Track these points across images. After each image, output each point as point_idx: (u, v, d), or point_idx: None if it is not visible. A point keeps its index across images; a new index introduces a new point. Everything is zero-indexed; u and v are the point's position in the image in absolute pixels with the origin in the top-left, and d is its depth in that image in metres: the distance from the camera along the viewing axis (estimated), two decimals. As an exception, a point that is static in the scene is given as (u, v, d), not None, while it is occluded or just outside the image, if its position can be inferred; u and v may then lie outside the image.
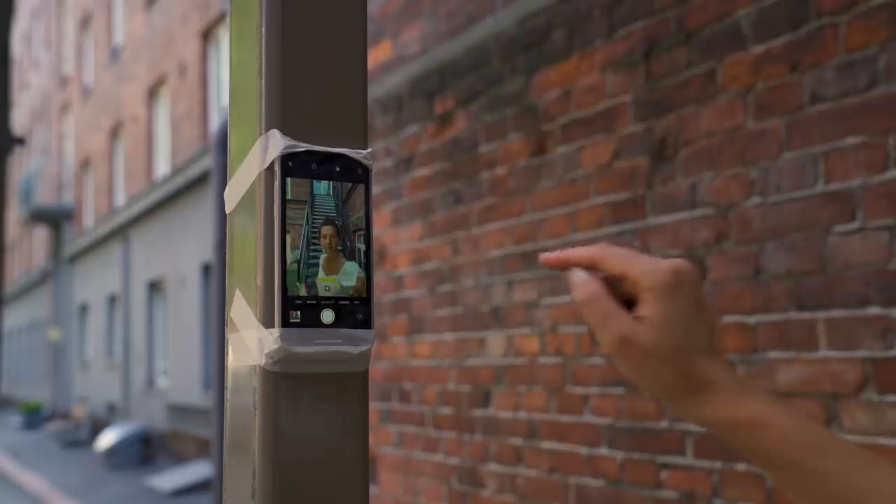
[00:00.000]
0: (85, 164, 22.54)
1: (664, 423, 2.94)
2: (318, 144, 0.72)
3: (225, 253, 0.79)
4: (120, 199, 19.27)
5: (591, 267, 0.63)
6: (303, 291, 0.69)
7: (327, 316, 0.70)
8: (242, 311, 0.72)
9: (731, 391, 0.59)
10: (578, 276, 0.62)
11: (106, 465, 13.55)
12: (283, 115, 0.71)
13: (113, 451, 13.42)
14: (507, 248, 3.70)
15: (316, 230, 0.70)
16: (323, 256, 0.71)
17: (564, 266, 0.63)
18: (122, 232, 17.86)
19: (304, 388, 0.70)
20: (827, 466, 0.56)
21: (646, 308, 0.59)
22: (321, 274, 0.70)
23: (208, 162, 12.34)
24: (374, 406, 4.57)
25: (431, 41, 4.31)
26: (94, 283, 20.67)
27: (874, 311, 2.33)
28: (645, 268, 0.60)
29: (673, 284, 0.59)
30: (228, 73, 0.80)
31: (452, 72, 4.10)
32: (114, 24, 19.99)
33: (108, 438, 13.72)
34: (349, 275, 0.72)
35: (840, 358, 2.41)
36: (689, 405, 0.60)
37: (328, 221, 0.71)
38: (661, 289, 0.59)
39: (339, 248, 0.71)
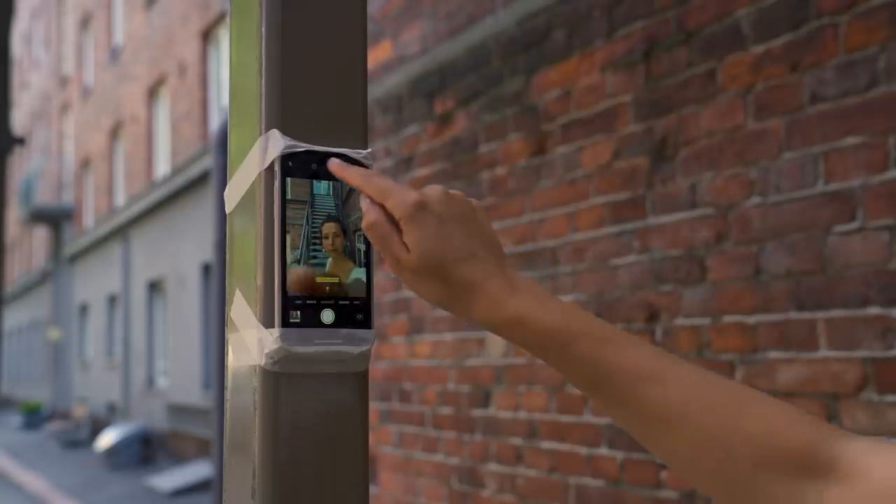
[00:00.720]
0: (85, 164, 22.54)
1: (664, 423, 2.94)
2: (318, 144, 0.72)
3: (225, 253, 0.80)
4: (120, 199, 19.27)
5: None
6: (303, 291, 0.69)
7: (327, 316, 0.70)
8: (242, 311, 0.72)
9: (498, 292, 0.67)
10: (364, 204, 0.70)
11: (106, 465, 13.55)
12: (283, 115, 0.71)
13: (113, 451, 13.42)
14: (507, 248, 3.70)
15: (316, 230, 0.70)
16: (329, 260, 0.71)
17: (344, 179, 0.72)
18: (122, 232, 17.86)
19: (304, 389, 0.70)
20: (580, 352, 0.64)
21: (405, 236, 0.67)
22: (326, 277, 0.70)
23: (208, 162, 12.34)
24: (374, 406, 4.57)
25: (431, 41, 4.31)
26: (94, 283, 20.67)
27: (874, 311, 2.33)
28: (395, 200, 0.68)
29: (416, 214, 0.67)
30: (228, 73, 0.80)
31: (452, 72, 4.10)
32: (114, 24, 20.00)
33: (108, 438, 13.72)
34: (350, 275, 0.72)
35: (840, 358, 2.41)
36: (460, 310, 0.68)
37: (330, 218, 0.71)
38: (408, 218, 0.67)
39: (345, 248, 0.71)
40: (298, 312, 0.68)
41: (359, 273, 0.72)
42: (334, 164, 0.71)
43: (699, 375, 0.63)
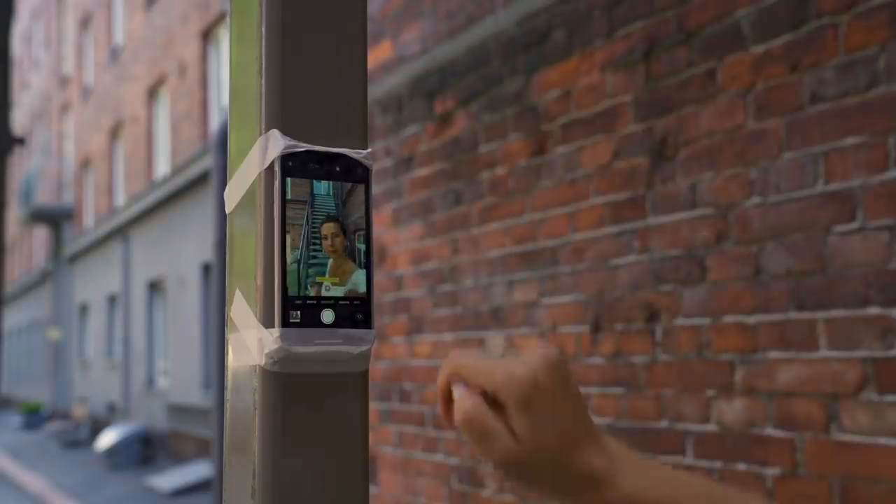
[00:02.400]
0: (85, 164, 22.54)
1: (664, 423, 2.94)
2: (318, 144, 0.72)
3: (225, 253, 0.79)
4: (120, 199, 19.27)
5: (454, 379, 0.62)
6: (303, 291, 0.69)
7: (327, 316, 0.70)
8: (242, 311, 0.72)
9: (611, 477, 0.60)
10: (457, 392, 0.62)
11: (106, 465, 13.54)
12: (283, 115, 0.71)
13: (113, 451, 13.42)
14: (507, 248, 3.70)
15: (316, 230, 0.70)
16: (330, 262, 0.70)
17: (450, 409, 0.63)
18: (122, 232, 17.86)
19: (304, 388, 0.70)
20: None
21: (514, 422, 0.59)
22: (326, 278, 0.70)
23: (208, 162, 12.34)
24: (374, 406, 4.57)
25: (431, 41, 4.31)
26: (94, 283, 20.67)
27: (874, 311, 2.33)
28: (501, 379, 0.59)
29: (532, 394, 0.59)
30: (228, 73, 0.80)
31: (452, 72, 4.10)
32: (114, 24, 19.99)
33: (108, 438, 13.72)
34: (351, 276, 0.72)
35: (840, 358, 2.41)
36: (581, 499, 0.61)
37: (329, 218, 0.71)
38: (522, 402, 0.58)
39: (345, 248, 0.71)
40: (298, 312, 0.68)
41: (359, 273, 0.72)
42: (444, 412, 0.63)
43: None
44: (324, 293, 0.70)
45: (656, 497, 0.59)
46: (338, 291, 0.70)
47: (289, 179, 0.70)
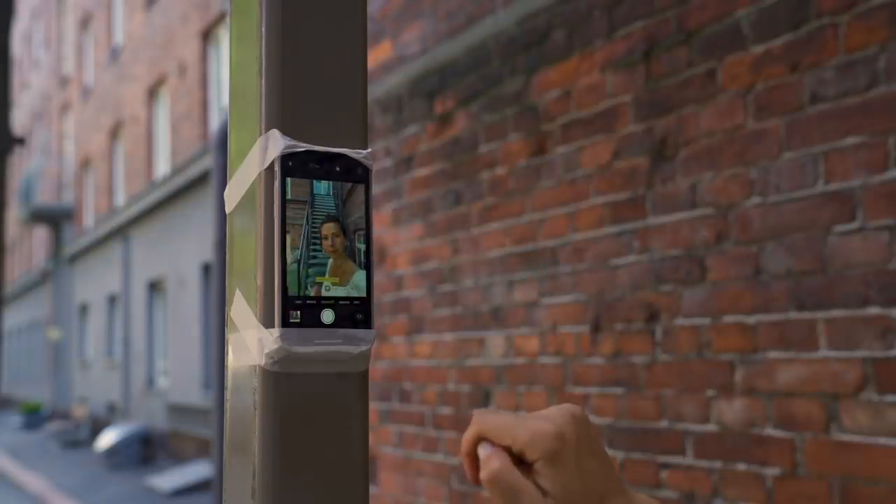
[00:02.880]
0: (85, 164, 22.54)
1: (664, 423, 2.94)
2: (318, 144, 0.72)
3: (225, 253, 0.79)
4: (120, 199, 19.27)
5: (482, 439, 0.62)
6: (303, 291, 0.69)
7: (327, 316, 0.70)
8: (242, 311, 0.72)
9: None
10: (483, 452, 0.62)
11: (106, 465, 13.54)
12: (283, 115, 0.71)
13: (113, 451, 13.42)
14: (507, 248, 3.70)
15: (316, 230, 0.70)
16: (330, 262, 0.70)
17: (476, 467, 0.63)
18: (122, 232, 17.86)
19: (304, 388, 0.70)
20: None
21: (542, 480, 0.59)
22: (326, 278, 0.70)
23: (208, 162, 12.34)
24: (374, 406, 4.57)
25: (431, 41, 4.31)
26: (94, 283, 20.67)
27: (874, 311, 2.33)
28: (528, 437, 0.59)
29: (559, 449, 0.59)
30: (228, 73, 0.80)
31: (452, 72, 4.10)
32: (114, 24, 19.99)
33: (108, 438, 13.72)
34: (351, 276, 0.72)
35: (840, 358, 2.41)
36: None
37: (330, 218, 0.71)
38: (549, 458, 0.58)
39: (346, 248, 0.71)
40: (298, 312, 0.68)
41: (359, 273, 0.72)
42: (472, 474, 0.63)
43: None
44: (324, 293, 0.70)
45: None
46: (338, 291, 0.70)
47: (289, 179, 0.70)
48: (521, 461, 0.60)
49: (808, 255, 2.51)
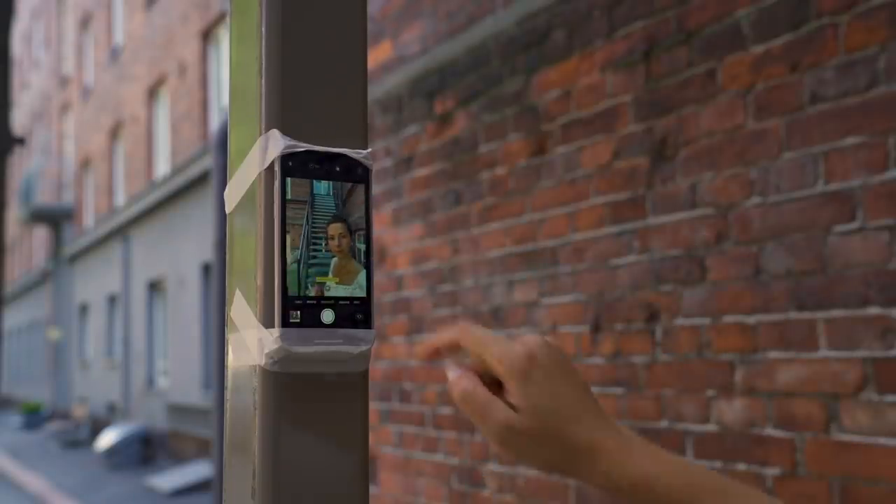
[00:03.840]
0: (85, 164, 22.54)
1: (664, 423, 2.95)
2: (318, 144, 0.72)
3: (225, 253, 0.79)
4: (120, 199, 19.27)
5: (458, 349, 0.65)
6: (303, 291, 0.69)
7: (327, 316, 0.70)
8: (242, 311, 0.72)
9: (618, 453, 0.61)
10: (451, 373, 0.64)
11: (106, 465, 13.54)
12: (283, 115, 0.71)
13: (113, 451, 13.42)
14: (507, 248, 3.70)
15: (316, 230, 0.70)
16: (335, 262, 0.70)
17: (435, 356, 0.65)
18: (122, 232, 17.86)
19: (304, 388, 0.70)
20: None
21: (510, 395, 0.61)
22: (328, 276, 0.70)
23: (208, 162, 12.34)
24: (374, 406, 4.57)
25: (431, 41, 4.31)
26: (94, 283, 20.67)
27: (874, 311, 2.33)
28: (499, 354, 0.62)
29: (527, 368, 0.61)
30: (228, 73, 0.80)
31: (452, 72, 4.10)
32: (114, 24, 19.99)
33: (108, 438, 13.72)
34: (356, 276, 0.72)
35: (840, 358, 2.41)
36: (579, 474, 0.62)
37: (336, 219, 0.71)
38: (517, 374, 0.60)
39: (352, 248, 0.71)
40: (298, 312, 0.68)
41: (360, 273, 0.72)
42: (423, 351, 0.65)
43: None
44: (326, 293, 0.70)
45: (667, 483, 0.61)
46: (338, 291, 0.70)
47: (289, 179, 0.70)
48: (494, 382, 0.63)
49: (808, 255, 2.51)
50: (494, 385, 0.64)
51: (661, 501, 0.61)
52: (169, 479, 11.01)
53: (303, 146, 0.70)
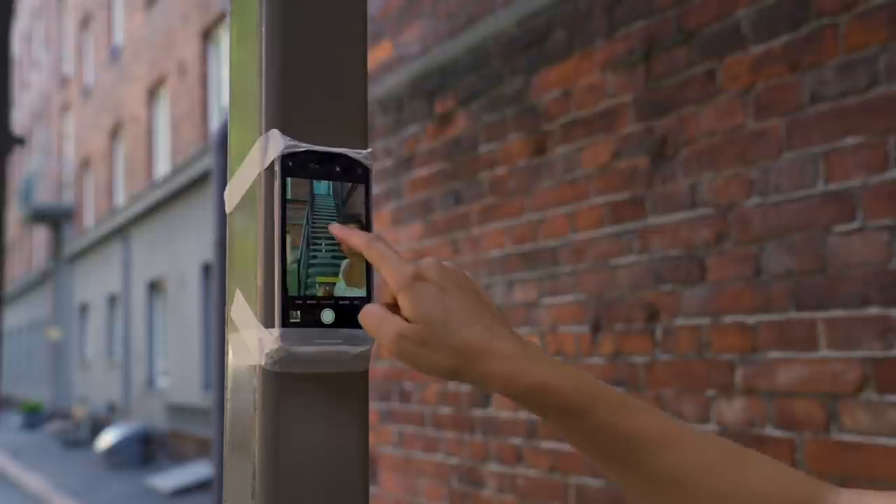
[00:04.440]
0: (85, 164, 22.54)
1: (664, 423, 2.94)
2: (318, 144, 0.72)
3: (225, 253, 0.80)
4: (120, 199, 19.27)
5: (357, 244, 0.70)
6: (303, 291, 0.69)
7: (327, 316, 0.70)
8: (242, 311, 0.72)
9: (513, 356, 0.64)
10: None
11: (106, 465, 13.55)
12: (283, 115, 0.71)
13: (113, 451, 13.42)
14: (507, 248, 3.70)
15: (316, 230, 0.70)
16: (344, 263, 0.71)
17: (346, 243, 0.70)
18: (122, 232, 17.86)
19: (304, 388, 0.70)
20: (598, 418, 0.63)
21: (402, 308, 0.65)
22: (337, 278, 0.70)
23: (208, 162, 12.34)
24: (374, 406, 4.57)
25: (431, 41, 4.31)
26: (94, 283, 20.67)
27: (874, 311, 2.33)
28: (391, 270, 0.66)
29: (414, 283, 0.65)
30: (228, 73, 0.80)
31: (452, 72, 4.10)
32: (114, 24, 20.00)
33: (108, 438, 13.72)
34: (360, 277, 0.72)
35: (840, 358, 2.41)
36: (475, 377, 0.65)
37: (347, 220, 0.71)
38: (405, 288, 0.65)
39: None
40: (298, 312, 0.68)
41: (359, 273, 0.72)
42: (335, 228, 0.70)
43: (708, 439, 0.65)
44: (330, 293, 0.70)
45: (562, 388, 0.63)
46: (343, 292, 0.71)
47: (289, 179, 0.70)
48: (395, 302, 0.69)
49: (808, 255, 2.51)
50: (396, 305, 0.69)
51: (556, 406, 0.63)
52: (169, 479, 11.01)
53: (303, 146, 0.70)
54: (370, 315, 0.66)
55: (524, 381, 0.63)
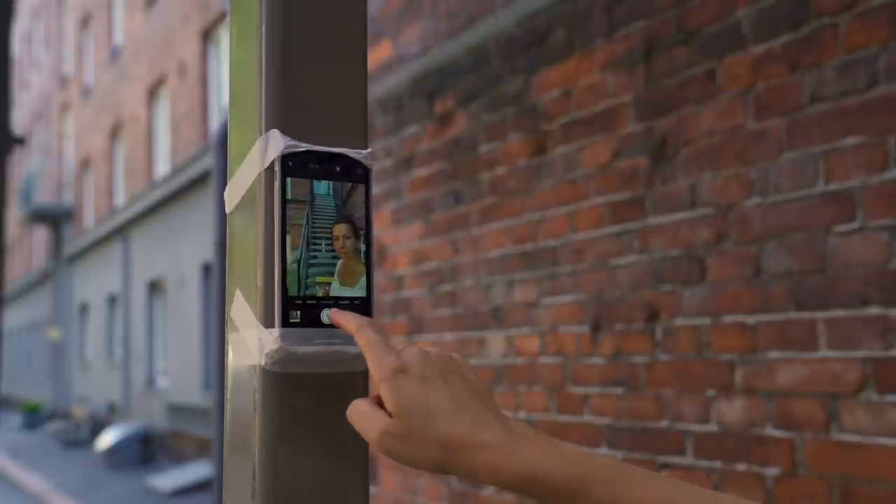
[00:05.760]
0: (85, 164, 22.54)
1: (664, 423, 2.94)
2: (318, 144, 0.72)
3: (225, 253, 0.80)
4: (120, 199, 19.27)
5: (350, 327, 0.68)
6: (303, 291, 0.69)
7: (327, 316, 0.70)
8: (242, 311, 0.72)
9: (501, 445, 0.61)
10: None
11: (106, 465, 13.55)
12: (283, 115, 0.71)
13: (113, 451, 13.42)
14: (507, 248, 3.70)
15: (316, 230, 0.70)
16: (340, 263, 0.70)
17: (342, 328, 0.69)
18: (122, 232, 17.86)
19: (304, 388, 0.70)
20: (595, 498, 0.61)
21: (384, 400, 0.63)
22: (332, 279, 0.70)
23: (208, 162, 12.34)
24: (374, 406, 4.56)
25: (431, 41, 4.31)
26: (94, 283, 20.67)
27: (874, 311, 2.33)
28: (372, 363, 0.64)
29: (395, 376, 0.63)
30: (228, 73, 0.80)
31: (452, 72, 4.10)
32: (114, 24, 20.00)
33: (108, 438, 13.72)
34: (360, 278, 0.72)
35: (840, 358, 2.41)
36: (463, 470, 0.62)
37: (341, 220, 0.71)
38: (385, 383, 0.63)
39: (356, 249, 0.71)
40: (298, 312, 0.68)
41: (362, 274, 0.72)
42: (332, 313, 0.69)
43: (708, 497, 0.63)
44: (327, 293, 0.70)
45: (554, 474, 0.61)
46: (338, 291, 0.70)
47: (289, 179, 0.70)
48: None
49: (808, 255, 2.50)
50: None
51: (549, 494, 0.61)
52: (169, 479, 11.01)
53: (303, 146, 0.70)
54: (356, 412, 0.65)
55: (512, 471, 0.61)
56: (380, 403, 0.66)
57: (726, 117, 2.77)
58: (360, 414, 0.64)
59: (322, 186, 0.71)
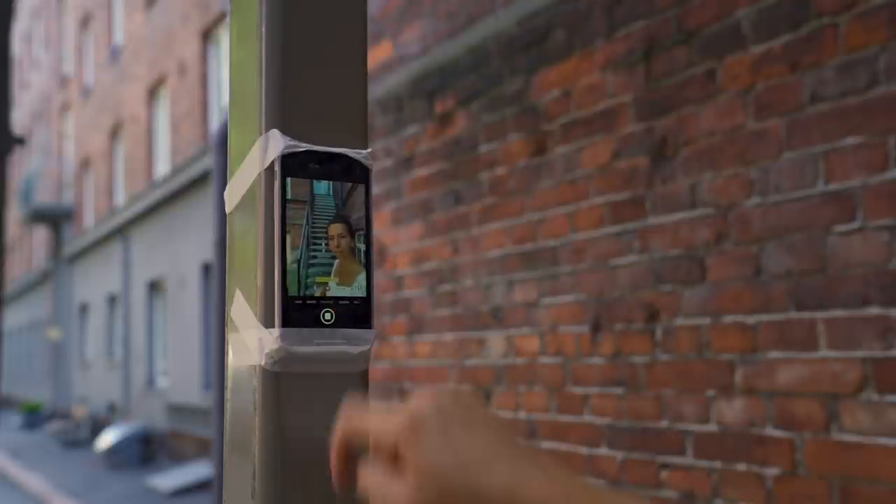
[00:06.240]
0: (85, 164, 22.54)
1: (664, 423, 2.94)
2: (318, 144, 0.72)
3: (225, 253, 0.80)
4: (120, 199, 19.27)
5: (352, 441, 0.60)
6: (303, 291, 0.69)
7: (327, 316, 0.70)
8: (242, 311, 0.72)
9: (544, 497, 0.53)
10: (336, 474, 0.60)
11: (106, 465, 13.54)
12: (283, 115, 0.71)
13: (113, 451, 13.42)
14: (507, 248, 3.69)
15: (316, 230, 0.70)
16: (336, 262, 0.70)
17: (346, 469, 0.61)
18: (122, 232, 17.86)
19: (304, 388, 0.70)
20: None
21: (406, 463, 0.55)
22: (330, 278, 0.70)
23: (208, 162, 12.33)
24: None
25: (431, 41, 4.30)
26: (94, 283, 20.67)
27: (874, 311, 2.33)
28: (379, 428, 0.56)
29: (409, 437, 0.55)
30: (228, 73, 0.80)
31: (452, 72, 4.10)
32: (114, 24, 20.00)
33: (108, 438, 13.71)
34: (357, 277, 0.72)
35: (840, 358, 2.41)
36: None
37: (337, 219, 0.71)
38: (405, 440, 0.55)
39: (352, 248, 0.71)
40: (298, 312, 0.68)
41: (360, 273, 0.72)
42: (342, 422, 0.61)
43: None
44: (326, 293, 0.70)
45: None
46: (338, 291, 0.70)
47: (289, 179, 0.70)
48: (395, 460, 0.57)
49: (808, 255, 2.50)
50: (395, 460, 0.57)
51: None
52: (169, 479, 11.01)
53: (303, 146, 0.70)
54: (371, 487, 0.56)
55: None
56: (393, 468, 0.56)
57: (726, 117, 2.77)
58: (378, 488, 0.55)
59: (322, 186, 0.71)
